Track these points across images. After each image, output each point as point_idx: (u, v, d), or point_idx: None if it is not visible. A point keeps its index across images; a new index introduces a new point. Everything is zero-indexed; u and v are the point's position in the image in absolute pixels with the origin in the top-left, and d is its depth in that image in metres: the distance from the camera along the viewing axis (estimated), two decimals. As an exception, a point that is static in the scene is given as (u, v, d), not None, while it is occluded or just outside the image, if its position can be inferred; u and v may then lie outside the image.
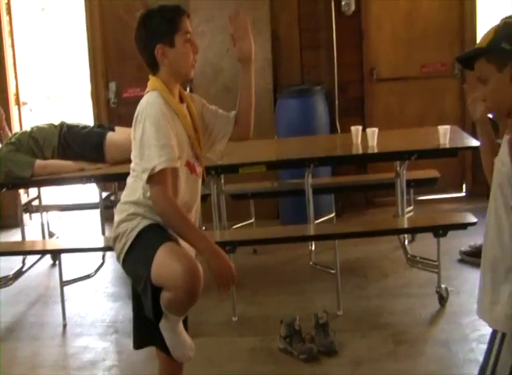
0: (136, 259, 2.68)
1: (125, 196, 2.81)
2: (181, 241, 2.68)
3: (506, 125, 2.08)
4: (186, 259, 2.54)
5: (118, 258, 2.77)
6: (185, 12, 2.75)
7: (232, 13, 2.79)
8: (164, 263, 2.55)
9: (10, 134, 4.90)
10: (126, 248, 2.70)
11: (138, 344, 2.87)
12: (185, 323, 2.81)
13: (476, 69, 2.08)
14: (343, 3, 6.06)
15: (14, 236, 6.16)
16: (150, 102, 2.65)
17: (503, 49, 1.97)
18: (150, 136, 2.58)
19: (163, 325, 2.66)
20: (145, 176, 2.58)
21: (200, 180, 2.86)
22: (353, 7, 6.08)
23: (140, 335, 2.83)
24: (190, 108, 2.85)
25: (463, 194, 6.38)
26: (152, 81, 2.76)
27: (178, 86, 2.82)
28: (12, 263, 5.03)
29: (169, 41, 2.68)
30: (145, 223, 2.68)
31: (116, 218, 2.79)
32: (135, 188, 2.73)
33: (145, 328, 2.77)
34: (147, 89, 2.76)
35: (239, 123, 2.92)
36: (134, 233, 2.67)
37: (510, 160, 1.97)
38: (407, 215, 4.85)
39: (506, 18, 2.05)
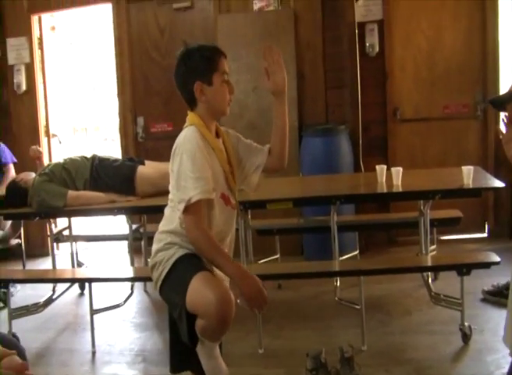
0: (171, 287, 2.78)
1: (162, 226, 2.91)
2: (216, 271, 2.78)
3: None
4: (219, 288, 2.64)
5: (155, 285, 2.87)
6: (223, 53, 2.86)
7: (265, 47, 2.89)
8: (197, 292, 2.64)
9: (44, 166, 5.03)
10: (162, 276, 2.80)
11: (175, 367, 2.94)
12: (220, 347, 2.90)
13: (509, 110, 2.17)
14: (367, 44, 6.23)
15: (41, 265, 6.26)
16: (187, 137, 2.76)
17: None
18: (186, 168, 2.68)
19: (200, 350, 2.74)
20: (181, 206, 2.68)
21: (235, 212, 2.96)
22: (376, 48, 6.25)
23: (177, 359, 2.91)
24: (226, 143, 2.95)
25: (485, 234, 6.44)
26: (190, 116, 2.87)
27: (214, 122, 2.93)
28: (42, 291, 5.13)
29: (208, 80, 2.80)
30: (181, 252, 2.79)
31: (154, 247, 2.89)
32: (172, 218, 2.84)
33: (182, 352, 2.85)
34: (186, 124, 2.86)
35: (273, 153, 3.01)
36: (170, 262, 2.78)
37: None
38: (430, 253, 4.90)
39: None
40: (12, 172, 6.02)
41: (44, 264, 6.05)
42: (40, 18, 7.08)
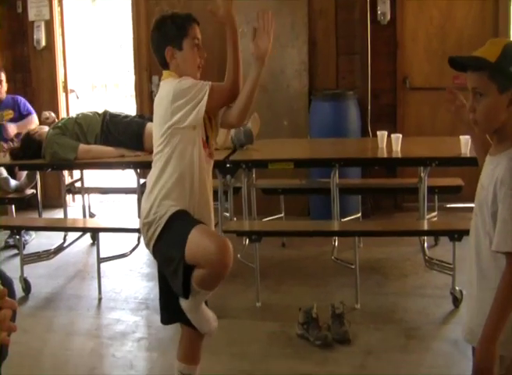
0: (168, 243, 2.87)
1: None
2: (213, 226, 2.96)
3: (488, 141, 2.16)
4: (217, 237, 2.86)
5: (148, 244, 2.94)
6: (195, 20, 2.98)
7: (262, 12, 2.92)
8: (197, 243, 2.78)
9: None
10: (156, 234, 2.88)
11: (166, 320, 3.10)
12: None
13: (474, 79, 2.03)
14: (378, 12, 6.24)
15: (56, 215, 6.47)
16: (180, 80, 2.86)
17: (510, 73, 1.97)
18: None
19: (186, 307, 2.89)
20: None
21: (211, 162, 3.00)
22: (388, 17, 6.26)
23: (168, 313, 3.05)
24: None
25: (490, 203, 6.48)
26: (166, 73, 2.97)
27: None
28: (56, 240, 5.36)
29: (178, 45, 2.92)
30: (173, 210, 2.89)
31: (145, 206, 2.93)
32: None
33: (172, 307, 3.00)
34: (163, 78, 2.97)
35: (234, 107, 2.93)
36: (164, 220, 2.86)
37: (492, 187, 2.02)
38: (431, 219, 5.01)
39: None
40: (35, 122, 6.05)
41: (60, 214, 6.21)
42: (60, -25, 7.19)
